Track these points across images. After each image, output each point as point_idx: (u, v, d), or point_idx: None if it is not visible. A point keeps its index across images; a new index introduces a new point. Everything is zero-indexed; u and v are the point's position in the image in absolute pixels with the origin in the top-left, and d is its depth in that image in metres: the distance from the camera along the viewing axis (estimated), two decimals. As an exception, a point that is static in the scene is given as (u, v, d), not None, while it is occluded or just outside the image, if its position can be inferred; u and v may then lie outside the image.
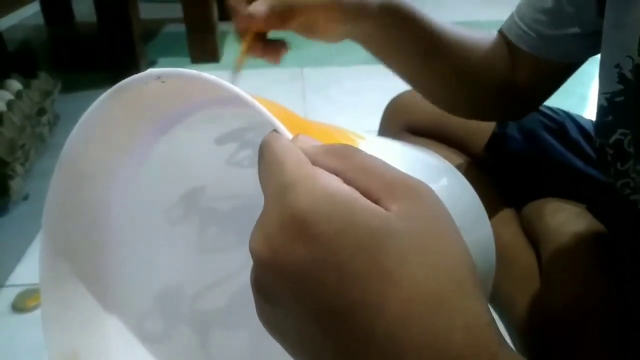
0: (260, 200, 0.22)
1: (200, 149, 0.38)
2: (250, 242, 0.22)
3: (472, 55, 0.56)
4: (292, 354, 0.23)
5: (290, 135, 0.24)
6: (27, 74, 1.26)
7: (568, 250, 0.56)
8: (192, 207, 0.41)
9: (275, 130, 0.24)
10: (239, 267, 0.43)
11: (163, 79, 0.27)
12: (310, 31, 0.46)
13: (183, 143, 0.36)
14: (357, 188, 0.21)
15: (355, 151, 0.23)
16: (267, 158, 0.23)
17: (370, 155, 0.23)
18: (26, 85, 1.22)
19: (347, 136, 0.34)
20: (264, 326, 0.23)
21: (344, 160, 0.22)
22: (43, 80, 1.27)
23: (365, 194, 0.21)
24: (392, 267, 0.19)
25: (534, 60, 0.56)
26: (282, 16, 0.43)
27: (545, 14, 0.54)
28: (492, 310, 0.67)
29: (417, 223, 0.20)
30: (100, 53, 1.49)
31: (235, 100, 0.25)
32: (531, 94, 0.60)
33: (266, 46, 0.47)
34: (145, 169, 0.36)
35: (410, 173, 0.22)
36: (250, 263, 0.21)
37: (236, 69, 0.45)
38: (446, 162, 0.45)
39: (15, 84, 1.20)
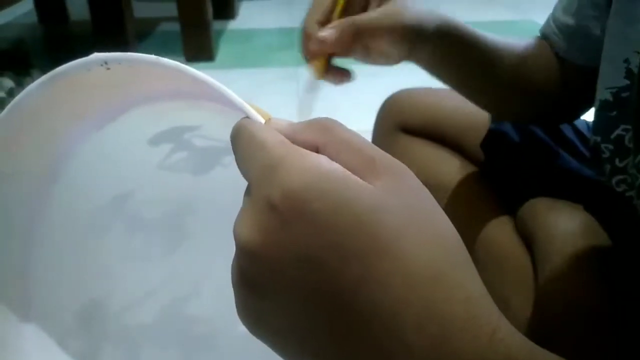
0: (192, 207, 0.21)
1: (132, 149, 0.35)
2: (236, 228, 0.21)
3: (522, 64, 0.57)
4: (280, 351, 0.21)
5: (262, 120, 0.23)
6: (20, 72, 1.25)
7: (562, 251, 0.56)
8: (119, 213, 0.38)
9: (246, 117, 0.23)
10: (166, 277, 0.40)
11: (109, 64, 0.25)
12: (370, 55, 0.49)
13: (114, 142, 0.33)
14: (338, 163, 0.21)
15: (334, 123, 0.22)
16: (245, 140, 0.22)
17: (348, 129, 0.22)
18: (18, 83, 1.21)
19: None
20: (247, 324, 0.22)
21: (323, 133, 0.22)
22: (35, 79, 1.25)
23: (348, 169, 0.20)
24: (391, 243, 0.19)
25: (566, 64, 0.57)
26: (349, 40, 0.46)
27: (572, 17, 0.55)
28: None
29: (405, 199, 0.20)
30: (94, 51, 1.49)
31: (193, 88, 0.23)
32: (572, 100, 0.61)
33: (331, 71, 0.50)
34: (72, 169, 0.33)
35: None
36: (176, 277, 0.20)
37: (310, 89, 0.50)
38: None
39: (8, 82, 1.20)
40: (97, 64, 0.25)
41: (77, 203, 0.35)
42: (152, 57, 0.24)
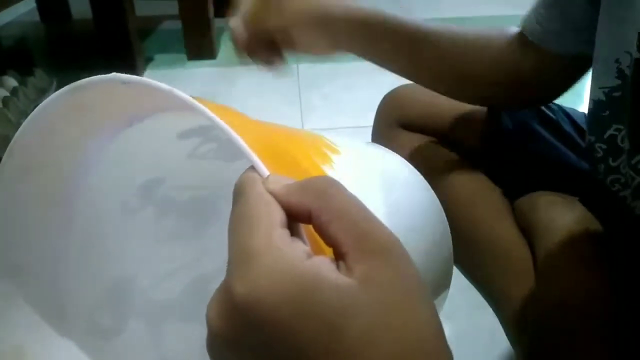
0: (222, 191, 0.22)
1: (161, 142, 0.37)
2: (207, 308, 0.21)
3: (469, 51, 0.57)
4: None
5: (266, 172, 0.23)
6: (23, 71, 1.25)
7: (562, 243, 0.56)
8: (149, 197, 0.41)
9: (251, 167, 0.24)
10: (194, 257, 0.42)
11: (129, 85, 0.26)
12: (293, 47, 0.50)
13: (144, 137, 0.35)
14: (327, 236, 0.21)
15: (332, 188, 0.22)
16: (239, 211, 0.23)
17: (347, 194, 0.22)
18: (22, 82, 1.21)
19: (320, 151, 0.34)
20: None
21: (319, 199, 0.22)
22: (39, 78, 1.27)
23: (334, 244, 0.21)
24: (356, 348, 0.19)
25: (538, 51, 0.57)
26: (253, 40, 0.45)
27: (544, 6, 0.55)
28: (486, 303, 0.67)
29: (382, 291, 0.20)
30: (97, 50, 1.49)
31: (207, 121, 0.24)
32: (539, 88, 0.61)
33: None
34: (103, 160, 0.36)
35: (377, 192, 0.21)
36: (206, 254, 0.21)
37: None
38: (407, 168, 0.46)
39: (11, 81, 1.20)
40: (118, 83, 0.26)
41: (110, 188, 0.38)
42: (166, 87, 0.25)
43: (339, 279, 0.20)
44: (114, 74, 0.26)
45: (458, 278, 0.71)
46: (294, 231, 0.22)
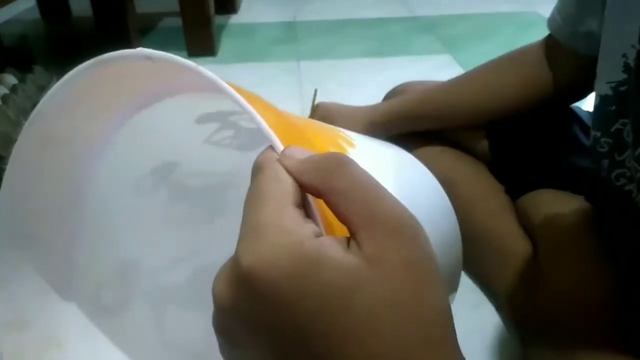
0: (235, 180, 0.22)
1: (179, 125, 0.37)
2: (214, 283, 0.21)
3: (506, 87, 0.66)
4: None
5: (282, 148, 0.24)
6: (23, 68, 1.25)
7: (564, 240, 0.56)
8: (163, 180, 0.41)
9: (270, 147, 0.24)
10: (202, 245, 0.42)
11: (153, 60, 0.26)
12: None
13: (162, 118, 0.35)
14: (337, 213, 0.21)
15: (344, 166, 0.22)
16: (254, 187, 0.23)
17: (359, 173, 0.22)
18: (21, 80, 1.21)
19: (336, 142, 0.34)
20: None
21: (328, 178, 0.22)
22: (39, 75, 1.26)
23: (346, 224, 0.21)
24: (357, 325, 0.19)
25: (570, 54, 0.60)
26: None
27: (572, 6, 0.58)
28: (488, 302, 0.67)
29: (390, 270, 0.19)
30: (97, 47, 1.49)
31: (228, 98, 0.24)
32: (574, 87, 0.64)
33: None
34: (120, 139, 0.36)
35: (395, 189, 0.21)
36: (214, 244, 0.21)
37: None
38: (421, 168, 0.46)
39: (11, 78, 1.20)
40: (142, 58, 0.26)
41: (125, 168, 0.38)
42: (202, 68, 0.25)
43: (343, 259, 0.19)
44: (139, 48, 0.26)
45: (461, 278, 0.71)
46: (308, 211, 0.22)
